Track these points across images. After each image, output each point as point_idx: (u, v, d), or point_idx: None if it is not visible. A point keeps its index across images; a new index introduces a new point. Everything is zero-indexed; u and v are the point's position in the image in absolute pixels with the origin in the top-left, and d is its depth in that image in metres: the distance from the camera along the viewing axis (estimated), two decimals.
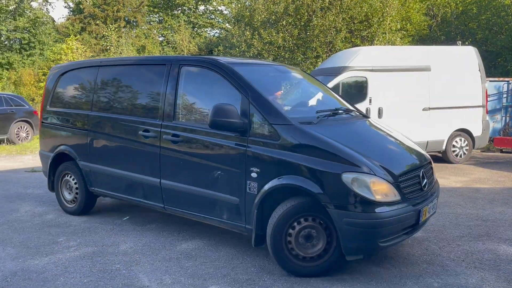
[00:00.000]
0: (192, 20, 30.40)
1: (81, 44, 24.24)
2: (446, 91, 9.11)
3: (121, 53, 23.91)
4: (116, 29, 25.71)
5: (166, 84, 4.46)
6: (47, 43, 24.48)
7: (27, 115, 13.56)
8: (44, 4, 27.04)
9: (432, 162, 4.29)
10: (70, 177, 5.45)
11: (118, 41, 24.66)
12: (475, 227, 5.02)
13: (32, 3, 25.07)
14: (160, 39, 30.06)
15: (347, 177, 3.38)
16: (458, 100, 9.26)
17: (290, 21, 17.41)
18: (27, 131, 13.55)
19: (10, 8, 23.37)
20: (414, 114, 8.93)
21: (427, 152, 9.30)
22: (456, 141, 9.47)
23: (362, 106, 8.57)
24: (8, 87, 21.31)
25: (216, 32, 32.39)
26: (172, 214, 4.79)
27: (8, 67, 22.82)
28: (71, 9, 29.89)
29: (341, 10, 16.96)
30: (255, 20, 18.56)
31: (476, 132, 9.52)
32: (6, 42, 24.05)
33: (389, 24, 16.93)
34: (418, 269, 3.84)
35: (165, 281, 3.58)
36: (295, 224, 3.61)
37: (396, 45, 16.62)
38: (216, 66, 4.20)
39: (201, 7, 31.84)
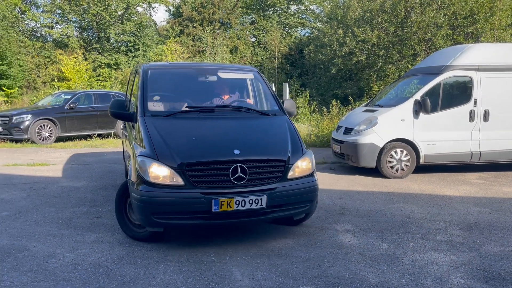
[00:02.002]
0: (283, 20, 30.60)
1: (180, 46, 25.68)
2: None
3: (215, 54, 24.88)
4: (212, 31, 26.80)
5: (132, 84, 6.02)
6: (150, 45, 26.28)
7: None
8: (148, 8, 29.10)
9: (286, 161, 4.25)
10: None
11: (213, 42, 25.69)
12: None
13: (137, 8, 27.12)
14: (252, 39, 30.71)
15: (137, 159, 4.11)
16: None
17: (386, 18, 16.75)
18: None
19: (119, 13, 25.51)
20: None
21: None
22: None
23: (465, 109, 7.98)
24: (115, 86, 23.30)
25: (307, 32, 32.27)
26: None
27: (115, 67, 24.92)
28: (171, 13, 31.82)
29: (443, 5, 15.93)
30: (349, 18, 18.17)
31: None
32: (114, 45, 26.31)
33: (498, 19, 15.49)
34: None
35: (256, 277, 3.65)
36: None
37: (507, 42, 15.17)
38: (140, 69, 5.37)
39: (293, 7, 31.91)
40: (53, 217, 5.34)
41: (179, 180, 3.93)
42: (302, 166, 4.42)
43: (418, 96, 7.92)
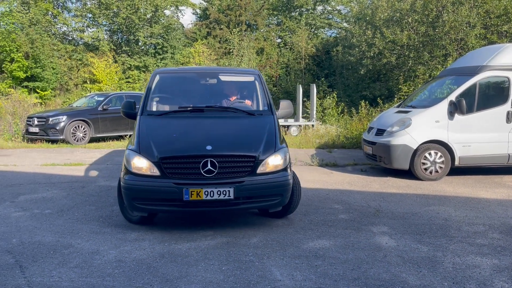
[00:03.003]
0: (309, 21, 30.49)
1: (207, 48, 25.93)
2: None
3: (242, 55, 25.01)
4: (238, 33, 26.95)
5: None
6: (178, 47, 26.61)
7: None
8: (175, 11, 29.49)
9: (256, 158, 4.59)
10: None
11: (239, 44, 25.83)
12: None
13: (165, 11, 27.52)
14: (278, 41, 30.70)
15: (125, 152, 4.77)
16: None
17: (416, 18, 16.47)
18: None
19: (147, 16, 25.95)
20: None
21: None
22: None
23: (502, 110, 7.79)
24: (144, 88, 23.71)
25: (333, 32, 32.04)
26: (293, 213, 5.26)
27: (144, 69, 25.34)
28: (198, 16, 32.18)
29: (476, 4, 15.56)
30: (377, 18, 17.96)
31: None
32: (143, 47, 26.76)
33: None
34: None
35: (296, 277, 3.67)
36: None
37: None
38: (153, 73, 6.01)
39: (319, 8, 31.74)
40: (93, 215, 5.51)
41: (156, 172, 4.48)
42: (273, 162, 4.73)
43: (453, 97, 7.78)
